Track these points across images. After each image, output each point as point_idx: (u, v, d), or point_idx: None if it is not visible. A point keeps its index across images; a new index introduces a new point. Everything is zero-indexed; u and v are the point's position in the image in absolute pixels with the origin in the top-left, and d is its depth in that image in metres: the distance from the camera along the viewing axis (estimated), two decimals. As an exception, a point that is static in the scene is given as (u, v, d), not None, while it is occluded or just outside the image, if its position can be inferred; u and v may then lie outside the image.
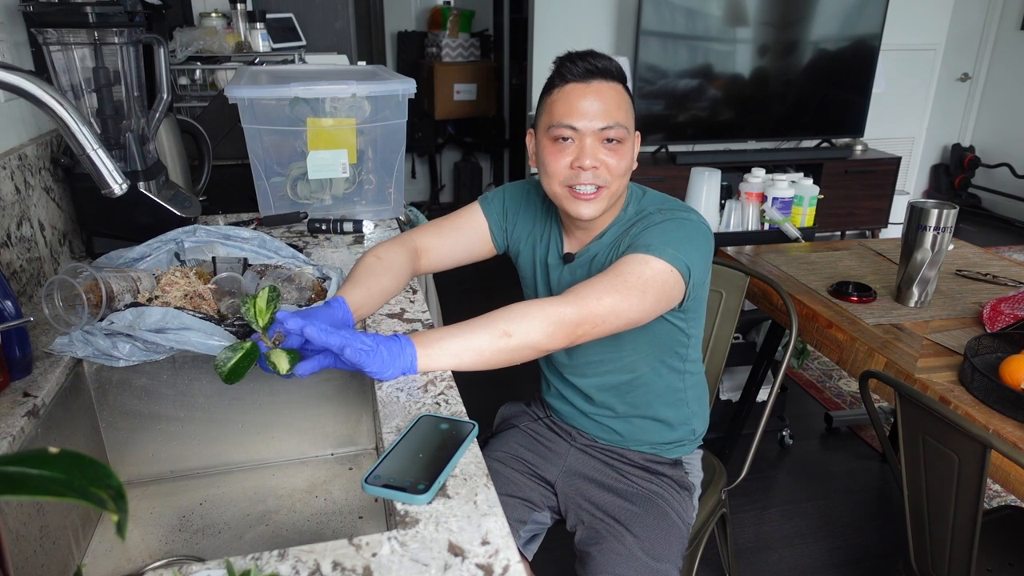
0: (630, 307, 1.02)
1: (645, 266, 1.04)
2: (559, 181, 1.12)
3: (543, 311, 0.97)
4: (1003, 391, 1.23)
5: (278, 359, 0.88)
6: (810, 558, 1.98)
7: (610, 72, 1.09)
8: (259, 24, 2.36)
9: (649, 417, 1.29)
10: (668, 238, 1.07)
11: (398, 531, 0.68)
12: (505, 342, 0.94)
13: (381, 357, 0.89)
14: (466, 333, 0.94)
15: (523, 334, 0.95)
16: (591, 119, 1.08)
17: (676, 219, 1.11)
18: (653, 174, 3.61)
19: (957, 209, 1.57)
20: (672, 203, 1.19)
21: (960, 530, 1.12)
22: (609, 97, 1.08)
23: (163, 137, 1.52)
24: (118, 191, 0.89)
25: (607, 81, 1.09)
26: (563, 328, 0.97)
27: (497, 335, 0.94)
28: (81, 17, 1.17)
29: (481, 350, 0.94)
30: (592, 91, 1.08)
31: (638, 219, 1.16)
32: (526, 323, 0.96)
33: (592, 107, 1.08)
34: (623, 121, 1.09)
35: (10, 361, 0.91)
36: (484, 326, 0.95)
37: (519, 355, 0.96)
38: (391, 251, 1.18)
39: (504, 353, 0.95)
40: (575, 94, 1.08)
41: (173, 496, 1.10)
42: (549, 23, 3.80)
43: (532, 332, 0.95)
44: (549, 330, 0.96)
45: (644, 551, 1.17)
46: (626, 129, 1.10)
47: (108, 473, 0.36)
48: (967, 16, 4.89)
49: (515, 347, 0.95)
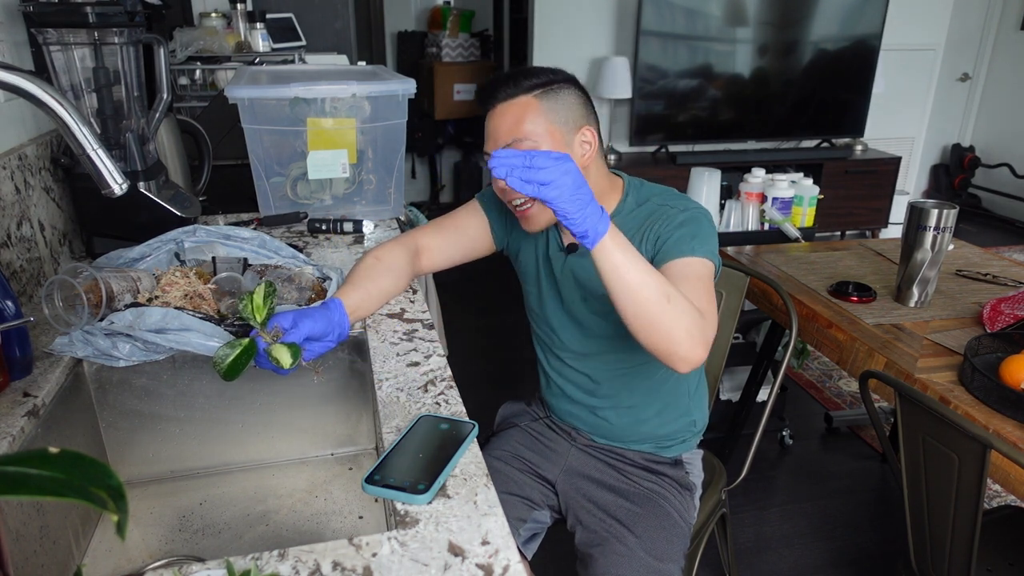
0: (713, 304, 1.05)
1: (700, 264, 1.06)
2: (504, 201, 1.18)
3: (696, 319, 0.94)
4: (1003, 391, 1.23)
5: (279, 353, 0.88)
6: (810, 558, 1.98)
7: (511, 94, 1.10)
8: (259, 24, 2.36)
9: (650, 406, 1.29)
10: (699, 237, 1.09)
11: (398, 531, 0.68)
12: (661, 305, 0.92)
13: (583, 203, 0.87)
14: (643, 264, 0.92)
15: (676, 315, 0.92)
16: (493, 142, 1.12)
17: (696, 216, 1.13)
18: (653, 174, 3.61)
19: (957, 209, 1.57)
20: (675, 194, 1.21)
21: (960, 530, 1.12)
22: (507, 116, 1.10)
23: (163, 137, 1.52)
24: (118, 191, 0.89)
25: (510, 100, 1.10)
26: (703, 344, 0.95)
27: (662, 293, 0.92)
28: (81, 17, 1.17)
29: (642, 285, 0.91)
30: (495, 115, 1.12)
31: (650, 210, 1.17)
32: (685, 312, 0.93)
33: (491, 131, 1.12)
34: (527, 133, 1.09)
35: (10, 361, 0.91)
36: (658, 278, 0.93)
37: (655, 323, 0.93)
38: (391, 252, 1.18)
39: (652, 306, 0.92)
40: (487, 123, 1.14)
41: (173, 496, 1.10)
42: (549, 23, 3.80)
43: (683, 320, 0.93)
44: (695, 334, 0.94)
45: (646, 551, 1.17)
46: (531, 140, 1.09)
47: (108, 473, 0.36)
48: (967, 16, 4.89)
49: (661, 313, 0.92)
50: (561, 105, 1.11)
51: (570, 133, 1.12)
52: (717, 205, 2.31)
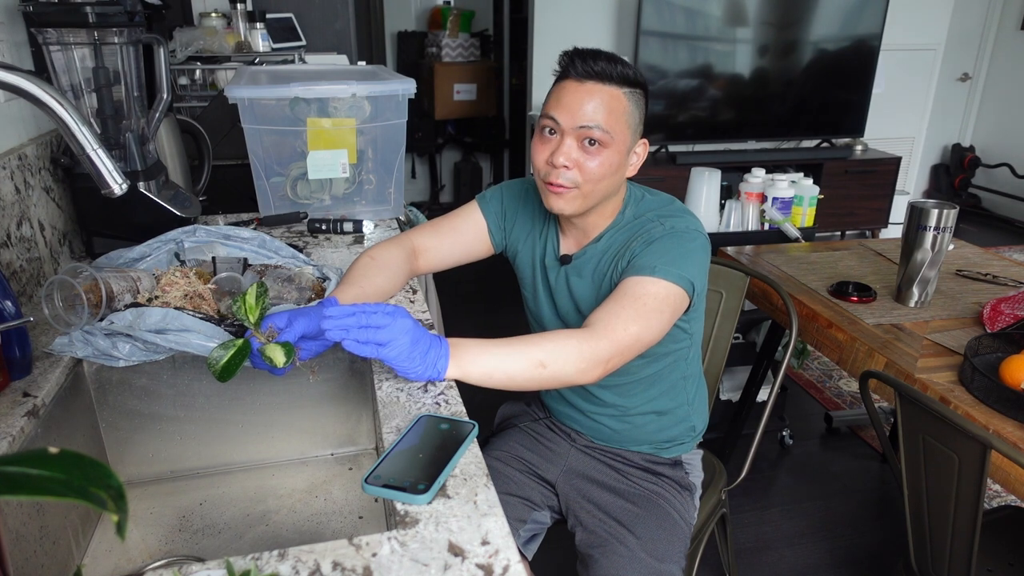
0: (652, 332, 1.04)
1: (657, 287, 1.05)
2: (539, 175, 1.13)
3: (579, 348, 0.97)
4: (1003, 391, 1.23)
5: (273, 353, 0.87)
6: (810, 558, 1.98)
7: (609, 76, 1.07)
8: (259, 24, 2.36)
9: (648, 413, 1.29)
10: (669, 257, 1.07)
11: (398, 531, 0.68)
12: (539, 372, 0.95)
13: (407, 352, 0.87)
14: (502, 354, 0.94)
15: (558, 368, 0.95)
16: (571, 116, 1.07)
17: (674, 234, 1.11)
18: (653, 174, 3.61)
19: (957, 209, 1.57)
20: (670, 208, 1.18)
21: (960, 530, 1.12)
22: (598, 99, 1.06)
23: (163, 137, 1.52)
24: (118, 191, 0.89)
25: (605, 84, 1.07)
26: (597, 364, 0.98)
27: (533, 364, 0.94)
28: (81, 17, 1.17)
29: (513, 375, 0.94)
30: (584, 90, 1.07)
31: (637, 227, 1.15)
32: (562, 357, 0.96)
33: (576, 104, 1.07)
34: (607, 126, 1.06)
35: (10, 361, 0.91)
36: (520, 351, 0.95)
37: (548, 385, 0.98)
38: (386, 251, 1.18)
39: (534, 382, 0.96)
40: (566, 90, 1.08)
41: (173, 496, 1.10)
42: (549, 23, 3.80)
43: (567, 367, 0.96)
44: (583, 367, 0.97)
45: (647, 552, 1.17)
46: (609, 134, 1.07)
47: (108, 473, 0.36)
48: (967, 16, 4.89)
49: (547, 378, 0.96)
50: (638, 110, 1.11)
51: (634, 140, 1.12)
52: (717, 205, 2.31)
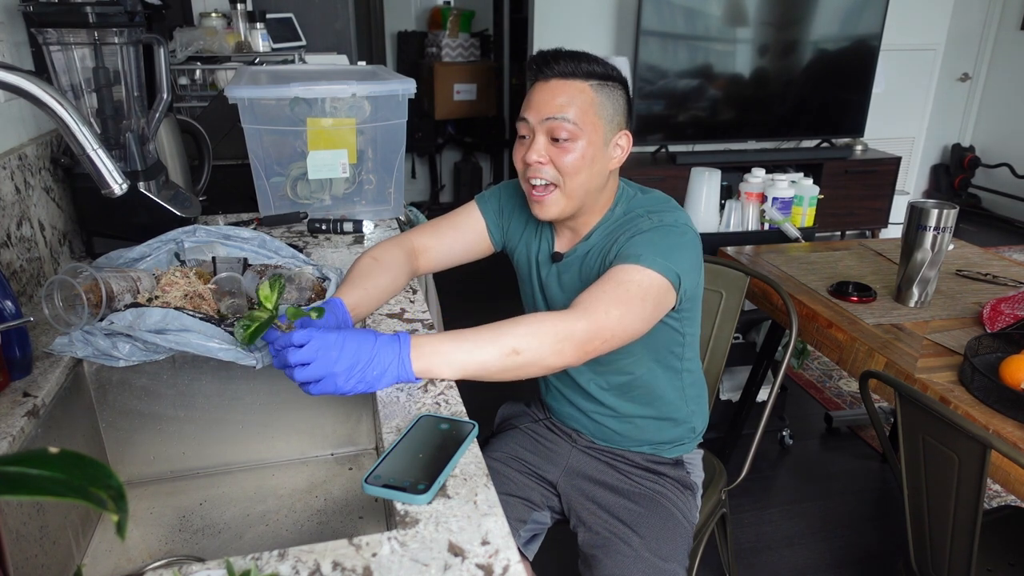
0: (635, 318, 1.01)
1: (641, 275, 1.03)
2: (523, 179, 1.14)
3: (554, 327, 0.94)
4: (1003, 391, 1.23)
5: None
6: (810, 558, 1.98)
7: (573, 73, 1.08)
8: (259, 24, 2.37)
9: (649, 417, 1.29)
10: (656, 248, 1.06)
11: (398, 531, 0.68)
12: (513, 360, 0.91)
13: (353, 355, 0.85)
14: (471, 345, 0.91)
15: (533, 352, 0.92)
16: (538, 111, 1.09)
17: (662, 227, 1.10)
18: (653, 174, 3.61)
19: (957, 209, 1.56)
20: (661, 205, 1.17)
21: (960, 530, 1.12)
22: (565, 93, 1.08)
23: (163, 137, 1.52)
24: (118, 191, 0.89)
25: (569, 80, 1.08)
26: (574, 345, 0.95)
27: (506, 352, 0.91)
28: (81, 17, 1.17)
29: (486, 365, 0.91)
30: (548, 88, 1.09)
31: (626, 221, 1.15)
32: (536, 340, 0.92)
33: (542, 101, 1.09)
34: (574, 118, 1.07)
35: (10, 361, 0.91)
36: (491, 340, 0.91)
37: (526, 372, 0.94)
38: (388, 251, 1.18)
39: (511, 371, 0.92)
40: (534, 91, 1.11)
41: (173, 496, 1.10)
42: (549, 23, 3.80)
43: (543, 350, 0.92)
44: (559, 347, 0.93)
45: (651, 551, 1.17)
46: (577, 126, 1.07)
47: (108, 473, 0.36)
48: (967, 16, 4.89)
49: (523, 364, 0.92)
50: (611, 101, 1.11)
51: (611, 132, 1.12)
52: (717, 205, 2.31)
